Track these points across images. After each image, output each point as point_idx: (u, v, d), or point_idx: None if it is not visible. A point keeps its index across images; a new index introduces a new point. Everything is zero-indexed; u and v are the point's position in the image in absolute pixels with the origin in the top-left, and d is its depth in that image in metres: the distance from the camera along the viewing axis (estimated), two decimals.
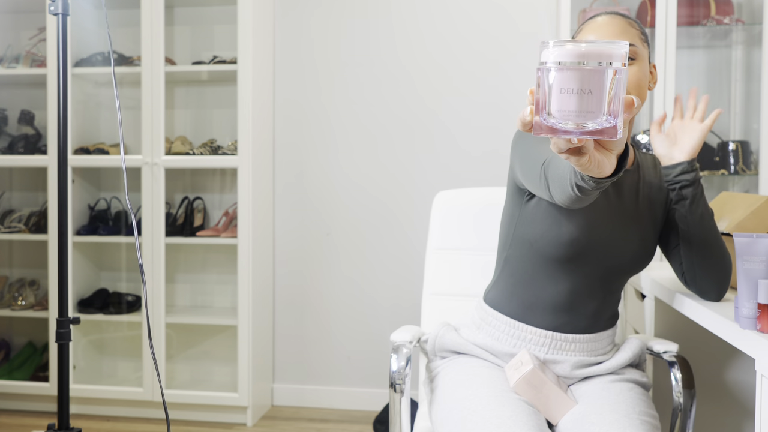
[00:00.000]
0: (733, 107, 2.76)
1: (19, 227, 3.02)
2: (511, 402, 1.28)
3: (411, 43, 2.98)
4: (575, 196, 1.03)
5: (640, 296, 1.94)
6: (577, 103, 0.72)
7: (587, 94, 0.72)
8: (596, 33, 1.32)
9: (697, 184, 1.36)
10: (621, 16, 1.35)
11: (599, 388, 1.35)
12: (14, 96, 3.21)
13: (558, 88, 0.72)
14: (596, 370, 1.40)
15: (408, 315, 2.97)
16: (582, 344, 1.39)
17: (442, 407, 1.37)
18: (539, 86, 0.74)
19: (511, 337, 1.40)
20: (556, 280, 1.37)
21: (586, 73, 0.72)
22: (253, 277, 2.82)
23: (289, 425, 2.84)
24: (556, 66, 0.73)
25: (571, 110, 0.72)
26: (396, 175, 2.99)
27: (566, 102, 0.72)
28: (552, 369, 1.38)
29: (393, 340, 1.49)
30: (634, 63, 1.32)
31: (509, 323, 1.41)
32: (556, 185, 1.08)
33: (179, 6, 3.07)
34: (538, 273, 1.38)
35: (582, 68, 0.72)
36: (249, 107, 2.77)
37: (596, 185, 0.95)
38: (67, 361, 1.74)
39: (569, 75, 0.72)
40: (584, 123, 0.73)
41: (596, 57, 0.72)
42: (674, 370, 1.45)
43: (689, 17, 2.63)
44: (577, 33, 1.40)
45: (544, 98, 0.73)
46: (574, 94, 0.72)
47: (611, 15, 1.35)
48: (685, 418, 1.43)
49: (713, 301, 1.40)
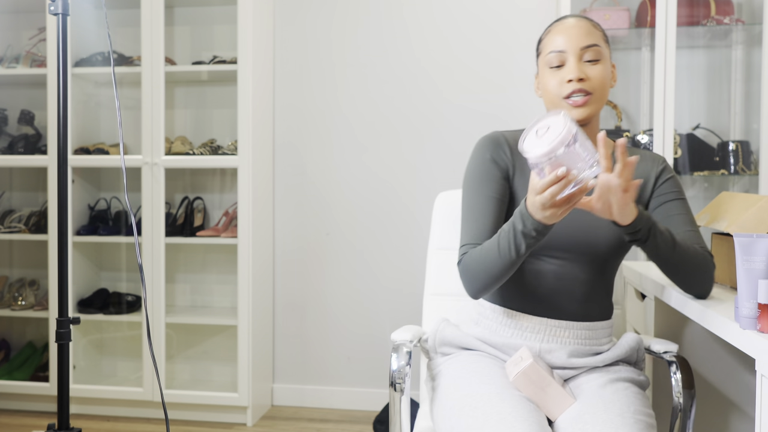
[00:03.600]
0: (733, 107, 2.76)
1: (19, 227, 3.02)
2: (512, 398, 1.29)
3: (412, 42, 2.98)
4: (515, 257, 1.29)
5: (640, 296, 1.95)
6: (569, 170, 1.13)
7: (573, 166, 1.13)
8: (564, 34, 1.39)
9: (648, 239, 1.30)
10: (586, 19, 1.42)
11: (595, 386, 1.36)
12: (14, 96, 3.21)
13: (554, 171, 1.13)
14: (593, 361, 1.42)
15: (408, 315, 2.97)
16: (577, 331, 1.42)
17: (443, 404, 1.38)
18: (542, 174, 1.16)
19: (507, 327, 1.44)
20: (540, 268, 1.42)
21: (561, 156, 1.11)
22: (253, 277, 2.82)
23: (289, 425, 2.84)
24: (546, 161, 1.12)
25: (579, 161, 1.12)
26: (396, 175, 2.99)
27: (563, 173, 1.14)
28: (548, 358, 1.41)
29: (393, 339, 1.50)
30: (598, 63, 1.39)
31: (505, 313, 1.45)
32: (480, 268, 1.36)
33: (179, 6, 3.07)
34: (524, 263, 1.43)
35: (558, 155, 1.10)
36: (249, 107, 2.77)
37: (540, 233, 1.25)
38: (67, 361, 1.74)
39: (556, 163, 1.12)
40: (582, 178, 1.13)
41: (561, 144, 1.10)
42: (674, 370, 1.45)
43: (689, 17, 2.63)
44: (546, 34, 1.45)
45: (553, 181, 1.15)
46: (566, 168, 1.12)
47: (577, 18, 1.42)
48: (685, 418, 1.43)
49: (699, 298, 1.41)
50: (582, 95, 1.37)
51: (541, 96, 1.46)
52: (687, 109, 2.78)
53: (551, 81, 1.40)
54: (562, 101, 1.39)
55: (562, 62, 1.39)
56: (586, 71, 1.38)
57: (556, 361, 1.41)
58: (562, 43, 1.39)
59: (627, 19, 2.65)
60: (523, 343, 1.42)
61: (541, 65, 1.45)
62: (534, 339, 1.42)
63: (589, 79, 1.38)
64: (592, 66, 1.39)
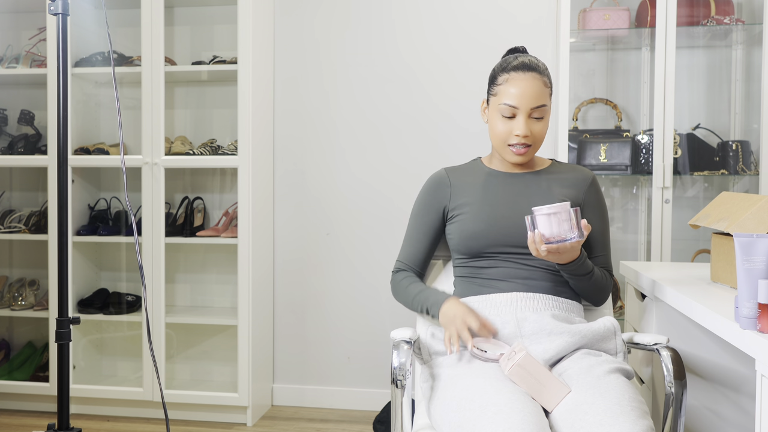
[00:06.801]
0: (733, 107, 2.76)
1: (19, 227, 3.03)
2: (508, 390, 1.32)
3: (414, 42, 2.98)
4: (419, 313, 1.72)
5: (640, 296, 1.94)
6: (556, 232, 1.47)
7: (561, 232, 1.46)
8: (518, 92, 1.59)
9: (576, 277, 1.58)
10: (538, 76, 1.61)
11: (588, 376, 1.38)
12: (14, 96, 3.21)
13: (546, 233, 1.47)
14: (573, 329, 1.51)
15: (408, 315, 2.96)
16: (547, 302, 1.57)
17: (440, 400, 1.42)
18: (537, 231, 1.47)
19: (482, 309, 1.58)
20: (489, 264, 1.63)
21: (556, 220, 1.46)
22: (253, 277, 2.82)
23: (289, 425, 2.84)
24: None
25: (554, 233, 1.46)
26: (396, 175, 2.99)
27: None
28: (529, 326, 1.52)
29: (393, 337, 1.55)
30: (542, 120, 1.62)
31: (475, 300, 1.60)
32: (400, 296, 1.75)
33: (179, 6, 3.07)
34: (476, 260, 1.65)
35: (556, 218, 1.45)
36: (249, 107, 2.77)
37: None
38: (67, 361, 1.74)
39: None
40: (564, 238, 1.46)
41: (564, 217, 1.45)
42: (665, 360, 1.47)
43: (689, 17, 2.63)
44: (502, 78, 1.63)
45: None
46: (555, 231, 1.46)
47: (532, 75, 1.60)
48: (677, 408, 1.44)
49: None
50: (523, 147, 1.62)
51: (487, 123, 1.69)
52: (687, 109, 2.79)
53: (501, 127, 1.63)
54: (506, 147, 1.64)
55: (513, 115, 1.61)
56: (532, 128, 1.61)
57: (537, 326, 1.52)
58: (515, 99, 1.60)
59: (627, 19, 2.65)
60: (499, 318, 1.54)
61: (493, 106, 1.65)
62: (509, 311, 1.54)
63: (532, 135, 1.62)
64: (537, 122, 1.62)
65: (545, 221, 1.44)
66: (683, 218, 2.72)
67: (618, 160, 2.64)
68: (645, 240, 2.78)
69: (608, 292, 1.70)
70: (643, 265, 2.07)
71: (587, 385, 1.36)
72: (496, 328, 1.53)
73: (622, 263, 2.14)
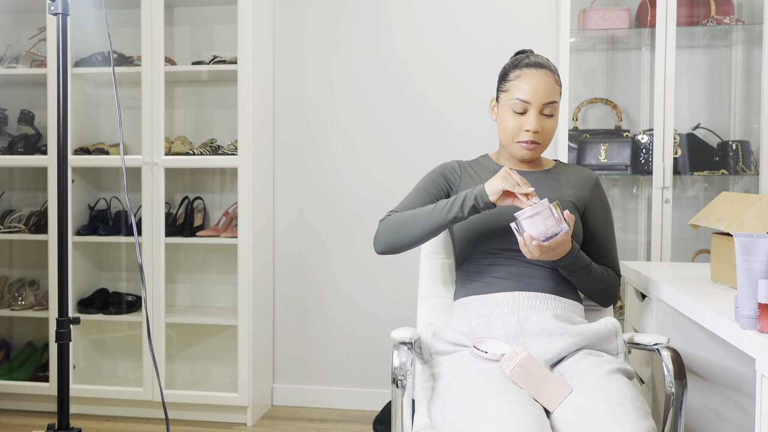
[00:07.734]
0: (733, 107, 2.77)
1: (19, 227, 3.02)
2: (509, 392, 1.31)
3: (411, 42, 2.98)
4: (442, 220, 1.57)
5: (640, 296, 1.94)
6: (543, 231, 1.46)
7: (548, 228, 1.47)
8: (531, 87, 1.60)
9: (576, 272, 1.59)
10: (550, 73, 1.63)
11: (589, 376, 1.38)
12: (14, 96, 3.21)
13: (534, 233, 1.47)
14: (575, 330, 1.49)
15: (408, 314, 2.97)
16: (549, 302, 1.56)
17: (441, 402, 1.40)
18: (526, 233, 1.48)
19: (484, 308, 1.57)
20: (492, 263, 1.62)
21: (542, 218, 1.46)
22: (253, 277, 2.82)
23: (289, 425, 2.84)
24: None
25: (541, 231, 1.46)
26: (396, 175, 2.99)
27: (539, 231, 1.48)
28: (530, 326, 1.50)
29: (394, 336, 1.53)
30: (552, 117, 1.63)
31: (478, 300, 1.59)
32: (402, 225, 1.61)
33: (179, 6, 3.07)
34: (479, 258, 1.64)
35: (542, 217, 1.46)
36: (249, 107, 2.77)
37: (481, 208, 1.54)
38: (67, 361, 1.74)
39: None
40: (553, 233, 1.45)
41: (549, 215, 1.44)
42: (665, 360, 1.47)
43: (689, 17, 2.63)
44: (514, 75, 1.63)
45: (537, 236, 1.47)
46: (542, 230, 1.46)
47: (545, 71, 1.62)
48: (678, 408, 1.44)
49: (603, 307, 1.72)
50: (533, 143, 1.63)
51: (496, 121, 1.69)
52: (687, 109, 2.79)
53: (511, 122, 1.63)
54: (516, 143, 1.64)
55: (524, 110, 1.62)
56: (543, 125, 1.62)
57: (537, 326, 1.49)
58: (527, 94, 1.60)
59: (627, 19, 2.65)
60: (500, 317, 1.53)
61: (503, 102, 1.66)
62: (510, 311, 1.54)
63: (543, 132, 1.63)
64: (547, 119, 1.63)
65: (530, 223, 1.45)
66: (683, 218, 2.72)
67: (618, 160, 2.64)
68: (645, 240, 2.78)
69: (616, 291, 1.69)
70: (643, 265, 2.07)
71: (589, 385, 1.35)
72: (499, 323, 1.53)
73: (622, 263, 2.14)
